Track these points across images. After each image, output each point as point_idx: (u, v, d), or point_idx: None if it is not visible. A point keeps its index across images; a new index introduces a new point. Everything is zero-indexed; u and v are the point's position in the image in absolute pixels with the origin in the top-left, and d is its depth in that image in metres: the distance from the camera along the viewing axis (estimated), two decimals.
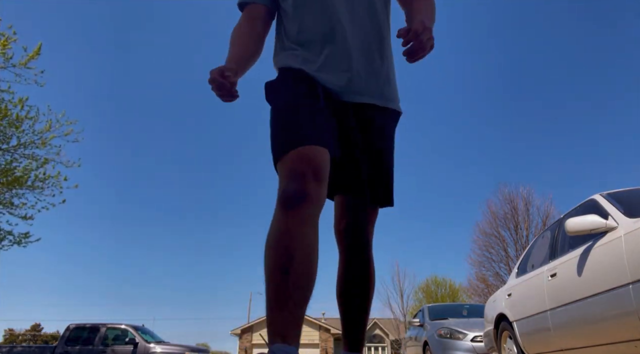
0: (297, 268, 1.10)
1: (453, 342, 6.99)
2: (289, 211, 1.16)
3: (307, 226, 1.16)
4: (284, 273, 1.10)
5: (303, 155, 1.24)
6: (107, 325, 11.42)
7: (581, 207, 3.97)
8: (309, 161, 1.23)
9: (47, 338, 35.11)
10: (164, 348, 11.01)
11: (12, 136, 10.39)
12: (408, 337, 9.25)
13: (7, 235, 10.64)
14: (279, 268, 1.11)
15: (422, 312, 9.01)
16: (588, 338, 3.54)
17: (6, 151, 10.36)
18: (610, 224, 3.28)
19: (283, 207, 1.17)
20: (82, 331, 11.29)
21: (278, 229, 1.16)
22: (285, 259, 1.11)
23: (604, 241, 3.29)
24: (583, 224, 3.37)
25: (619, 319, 3.06)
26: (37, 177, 10.66)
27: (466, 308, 9.12)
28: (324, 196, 1.25)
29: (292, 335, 1.07)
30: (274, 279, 1.10)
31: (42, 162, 10.74)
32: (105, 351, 10.81)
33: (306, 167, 1.22)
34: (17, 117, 10.22)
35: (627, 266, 2.96)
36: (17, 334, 38.20)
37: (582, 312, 3.49)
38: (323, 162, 1.26)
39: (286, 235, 1.14)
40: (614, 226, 3.26)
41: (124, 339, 10.95)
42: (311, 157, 1.24)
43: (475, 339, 6.84)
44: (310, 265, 1.13)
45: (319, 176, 1.23)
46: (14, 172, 10.45)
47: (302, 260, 1.12)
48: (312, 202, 1.18)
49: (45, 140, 10.62)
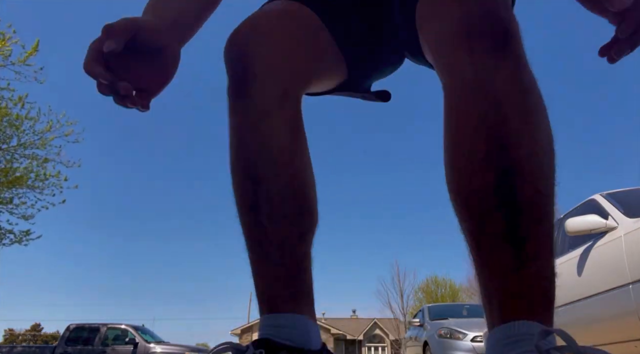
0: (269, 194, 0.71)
1: (453, 342, 7.00)
2: (237, 99, 0.76)
3: (267, 120, 0.73)
4: (251, 209, 0.72)
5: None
6: (107, 325, 11.46)
7: (581, 207, 3.97)
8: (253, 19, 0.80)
9: (47, 338, 35.16)
10: (164, 348, 11.02)
11: (12, 135, 10.41)
12: (408, 337, 9.27)
13: (8, 233, 10.66)
14: (243, 202, 0.73)
15: (422, 312, 9.02)
16: (588, 338, 3.54)
17: (6, 151, 10.38)
18: (610, 224, 3.29)
19: (230, 96, 0.77)
20: (82, 331, 11.32)
21: (231, 137, 0.76)
22: (249, 186, 0.72)
23: (604, 241, 3.29)
24: (583, 224, 3.37)
25: (619, 319, 3.06)
26: (37, 177, 10.68)
27: (466, 307, 9.13)
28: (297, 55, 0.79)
29: (285, 298, 0.69)
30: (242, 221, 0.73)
31: (42, 162, 10.76)
32: (105, 351, 10.83)
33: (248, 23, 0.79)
34: (17, 116, 10.23)
35: (627, 266, 2.97)
36: (17, 334, 38.25)
37: (582, 312, 3.49)
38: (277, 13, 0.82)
39: (241, 146, 0.74)
40: (614, 226, 3.26)
41: (124, 340, 10.98)
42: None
43: (476, 339, 6.85)
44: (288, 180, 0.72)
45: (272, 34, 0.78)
46: (15, 172, 10.47)
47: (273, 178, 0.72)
48: (272, 73, 0.74)
49: (45, 140, 10.64)
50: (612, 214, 3.39)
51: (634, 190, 3.78)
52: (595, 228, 3.32)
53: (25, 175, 10.58)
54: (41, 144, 10.63)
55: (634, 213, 3.24)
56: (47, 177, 10.74)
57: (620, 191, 3.80)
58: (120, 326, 11.50)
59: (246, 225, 0.73)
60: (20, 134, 10.44)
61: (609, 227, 3.28)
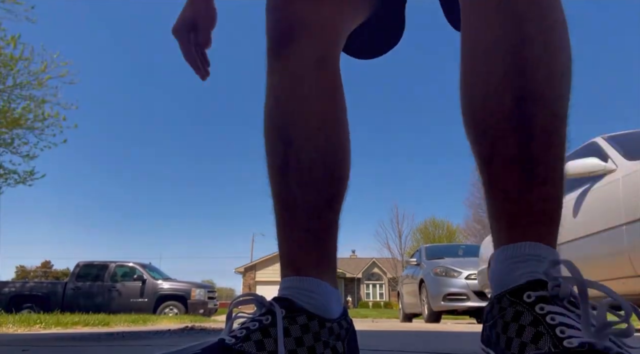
0: (299, 159, 0.70)
1: (448, 280, 7.27)
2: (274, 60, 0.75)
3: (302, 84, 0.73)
4: (281, 172, 0.71)
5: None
6: (116, 263, 11.82)
7: (582, 150, 3.97)
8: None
9: (58, 274, 36.54)
10: (171, 284, 11.47)
11: (7, 76, 10.20)
12: (405, 275, 9.59)
13: (12, 174, 10.74)
14: (273, 163, 0.73)
15: (419, 252, 9.28)
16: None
17: (3, 91, 10.22)
18: (609, 167, 3.30)
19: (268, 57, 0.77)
20: (91, 268, 11.71)
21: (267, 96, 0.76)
22: (280, 147, 0.72)
23: (602, 183, 3.33)
24: (582, 167, 3.39)
25: (610, 258, 3.16)
26: (36, 118, 10.60)
27: (462, 248, 9.39)
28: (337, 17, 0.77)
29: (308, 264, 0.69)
30: (272, 182, 0.73)
31: (39, 102, 10.63)
32: (115, 287, 11.28)
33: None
34: (11, 56, 9.97)
35: (622, 208, 3.02)
36: (29, 270, 39.71)
37: (575, 251, 3.60)
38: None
39: (275, 107, 0.74)
40: (613, 168, 3.28)
41: (132, 276, 11.39)
42: None
43: (469, 277, 7.11)
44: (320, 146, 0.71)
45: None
46: (13, 113, 10.38)
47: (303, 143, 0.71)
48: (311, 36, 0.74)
49: (41, 81, 10.44)
50: (611, 156, 3.39)
51: (636, 132, 3.75)
52: (594, 171, 3.34)
53: (24, 116, 10.49)
54: (37, 84, 10.44)
55: (633, 156, 3.24)
56: (46, 118, 10.65)
57: (622, 133, 3.77)
58: (128, 264, 11.89)
59: (275, 187, 0.72)
60: (15, 74, 10.23)
61: (607, 169, 3.30)
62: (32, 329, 4.00)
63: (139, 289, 11.12)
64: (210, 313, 11.45)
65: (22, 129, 10.59)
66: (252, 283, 32.71)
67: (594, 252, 3.34)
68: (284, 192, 0.71)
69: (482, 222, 26.83)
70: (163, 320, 6.94)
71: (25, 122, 10.51)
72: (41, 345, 1.92)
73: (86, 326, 4.66)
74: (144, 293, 11.09)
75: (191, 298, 11.02)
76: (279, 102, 0.74)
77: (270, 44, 0.75)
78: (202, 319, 8.45)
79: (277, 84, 0.74)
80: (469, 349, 1.59)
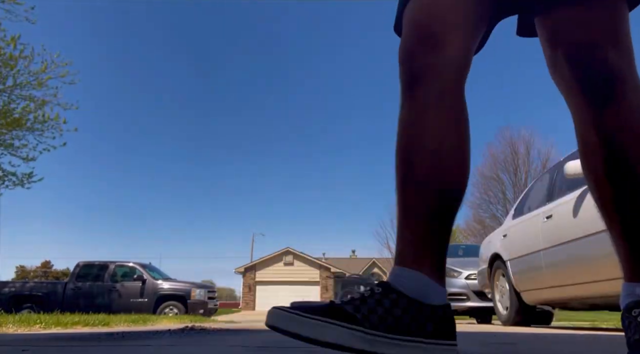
0: (415, 171, 0.87)
1: (448, 280, 7.26)
2: (407, 94, 0.91)
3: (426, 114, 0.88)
4: (404, 186, 0.88)
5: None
6: (116, 263, 11.82)
7: None
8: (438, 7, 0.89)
9: (58, 274, 36.51)
10: (171, 284, 11.48)
11: (7, 76, 10.19)
12: None
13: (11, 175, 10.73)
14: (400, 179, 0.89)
15: None
16: (578, 275, 3.68)
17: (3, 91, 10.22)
18: None
19: (403, 90, 0.92)
20: (91, 268, 11.70)
21: (398, 124, 0.92)
22: (405, 167, 0.89)
23: None
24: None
25: (609, 258, 3.16)
26: (36, 119, 10.59)
27: (462, 248, 9.39)
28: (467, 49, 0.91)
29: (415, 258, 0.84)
30: (398, 192, 0.89)
31: (39, 103, 10.62)
32: (114, 287, 11.28)
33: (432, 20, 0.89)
34: (11, 56, 9.97)
35: None
36: (29, 270, 39.70)
37: (574, 251, 3.60)
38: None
39: (404, 135, 0.90)
40: None
41: (132, 276, 11.38)
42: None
43: (470, 277, 7.11)
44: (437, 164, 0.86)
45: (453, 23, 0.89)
46: (13, 114, 10.37)
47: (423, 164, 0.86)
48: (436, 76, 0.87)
49: (41, 81, 10.44)
50: None
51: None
52: None
53: (24, 117, 10.48)
54: (37, 84, 10.43)
55: None
56: (46, 120, 10.64)
57: None
58: (128, 264, 11.88)
59: (397, 196, 0.88)
60: (15, 74, 10.23)
61: None
62: (32, 329, 4.00)
63: (139, 289, 11.12)
64: (211, 313, 11.45)
65: (22, 130, 10.59)
66: (252, 283, 32.69)
67: (594, 252, 3.34)
68: (400, 200, 0.88)
69: (482, 222, 26.83)
70: (163, 320, 6.94)
71: (25, 123, 10.51)
72: (41, 345, 1.92)
73: (86, 326, 4.65)
74: (144, 293, 11.09)
75: (191, 298, 11.02)
76: (407, 130, 0.90)
77: (404, 83, 0.91)
78: (202, 319, 8.44)
79: (406, 115, 0.90)
80: (469, 349, 1.59)
